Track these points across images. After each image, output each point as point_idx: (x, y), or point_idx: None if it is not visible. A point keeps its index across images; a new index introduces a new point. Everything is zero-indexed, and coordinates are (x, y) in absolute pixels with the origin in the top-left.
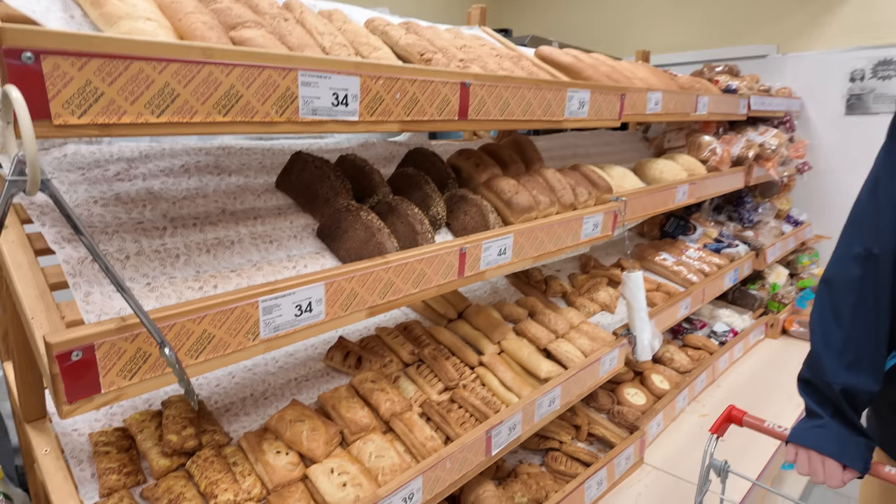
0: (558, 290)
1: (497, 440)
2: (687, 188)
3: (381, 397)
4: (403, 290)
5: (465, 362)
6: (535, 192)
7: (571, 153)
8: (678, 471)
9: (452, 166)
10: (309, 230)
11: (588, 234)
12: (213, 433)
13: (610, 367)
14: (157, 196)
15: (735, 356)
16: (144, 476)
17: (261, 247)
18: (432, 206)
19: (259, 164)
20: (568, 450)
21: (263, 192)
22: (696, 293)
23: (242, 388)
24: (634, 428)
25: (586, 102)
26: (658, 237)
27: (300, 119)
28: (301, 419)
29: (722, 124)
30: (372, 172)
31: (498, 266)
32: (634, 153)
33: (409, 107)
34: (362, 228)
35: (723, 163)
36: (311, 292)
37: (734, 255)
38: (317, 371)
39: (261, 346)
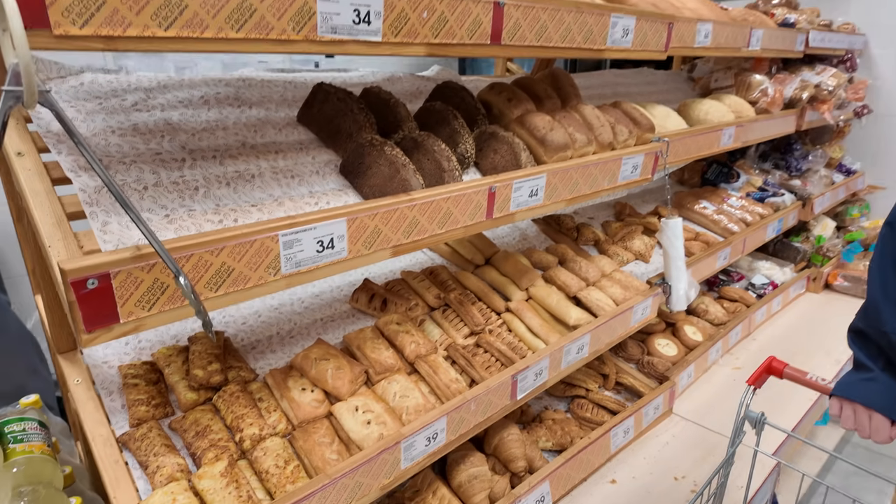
0: (590, 238)
1: (523, 385)
2: (733, 131)
3: (406, 339)
4: (429, 230)
5: (492, 308)
6: (572, 130)
7: (611, 92)
8: (707, 422)
9: (483, 101)
10: (332, 166)
11: (626, 176)
12: (239, 369)
13: (642, 316)
14: (175, 127)
15: (773, 310)
16: (172, 408)
17: (282, 182)
18: (460, 142)
19: (280, 96)
20: (594, 397)
21: (285, 126)
22: (736, 243)
23: (268, 326)
24: (664, 378)
25: (631, 30)
26: (698, 185)
27: (318, 38)
28: (326, 358)
29: (775, 62)
30: (397, 106)
31: (529, 208)
32: (678, 94)
33: (437, 27)
34: (386, 164)
35: (774, 105)
36: (332, 228)
37: (779, 204)
38: (342, 312)
39: (282, 282)
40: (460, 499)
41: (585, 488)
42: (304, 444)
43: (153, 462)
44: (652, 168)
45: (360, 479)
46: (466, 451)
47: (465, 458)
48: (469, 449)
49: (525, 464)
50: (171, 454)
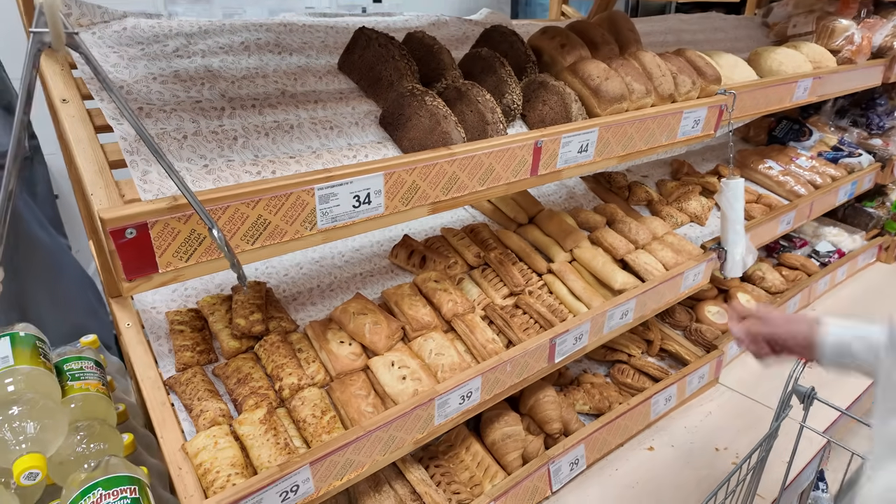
0: (643, 198)
1: (561, 349)
2: (809, 83)
3: (444, 297)
4: (469, 187)
5: (534, 269)
6: (629, 79)
7: (675, 39)
8: (755, 394)
9: (534, 48)
10: (372, 117)
11: (686, 132)
12: (280, 320)
13: (694, 282)
14: (216, 75)
15: (837, 279)
16: (216, 355)
17: (321, 133)
18: (507, 92)
19: (322, 42)
20: (637, 363)
21: (325, 74)
22: (802, 207)
23: (309, 279)
24: (712, 347)
25: None
26: (765, 143)
27: None
28: (364, 312)
29: (866, 4)
30: (441, 53)
31: (577, 165)
32: (750, 42)
33: None
34: (427, 115)
35: (860, 54)
36: (369, 182)
37: (854, 165)
38: (381, 268)
39: (319, 237)
40: (493, 456)
41: (621, 453)
42: (342, 395)
43: (197, 406)
44: (715, 123)
45: (393, 432)
46: (501, 410)
47: (500, 416)
48: (504, 408)
49: (560, 426)
50: (213, 399)
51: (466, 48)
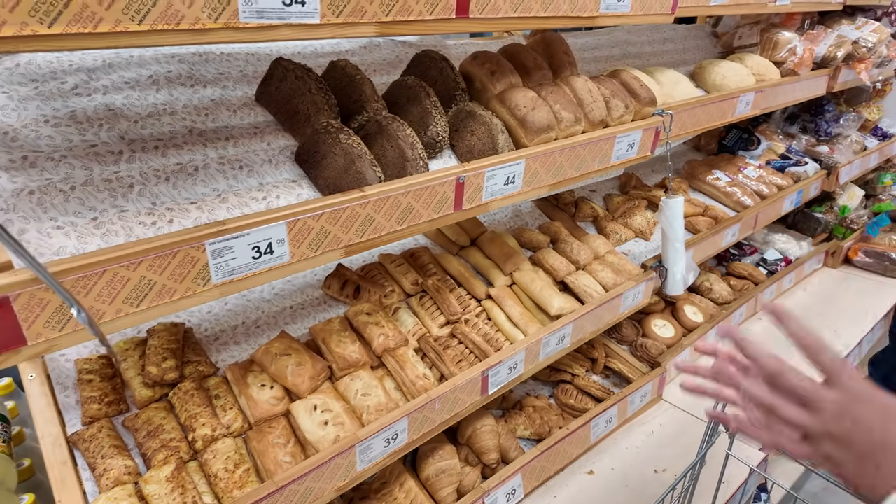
0: (589, 214)
1: (495, 380)
2: (752, 98)
3: (375, 331)
4: (386, 227)
5: (472, 294)
6: (558, 107)
7: (621, 53)
8: (697, 410)
9: (465, 74)
10: (288, 153)
11: (621, 155)
12: (198, 364)
13: (633, 302)
14: (117, 114)
15: (784, 287)
16: (127, 405)
17: (229, 173)
18: (432, 124)
19: (240, 72)
20: (580, 383)
21: (241, 107)
22: (747, 219)
23: (235, 315)
24: (657, 364)
25: None
26: (715, 151)
27: (242, 24)
28: (288, 352)
29: (810, 16)
30: (363, 83)
31: (505, 196)
32: (698, 52)
33: (389, 3)
34: (341, 154)
35: (802, 65)
36: (270, 232)
37: (800, 174)
38: (314, 299)
39: (215, 291)
40: (428, 492)
41: (561, 479)
42: (258, 444)
43: (100, 464)
44: (652, 144)
45: (311, 484)
46: (437, 442)
47: (435, 450)
48: (440, 441)
49: (497, 456)
50: (119, 455)
51: (399, 72)
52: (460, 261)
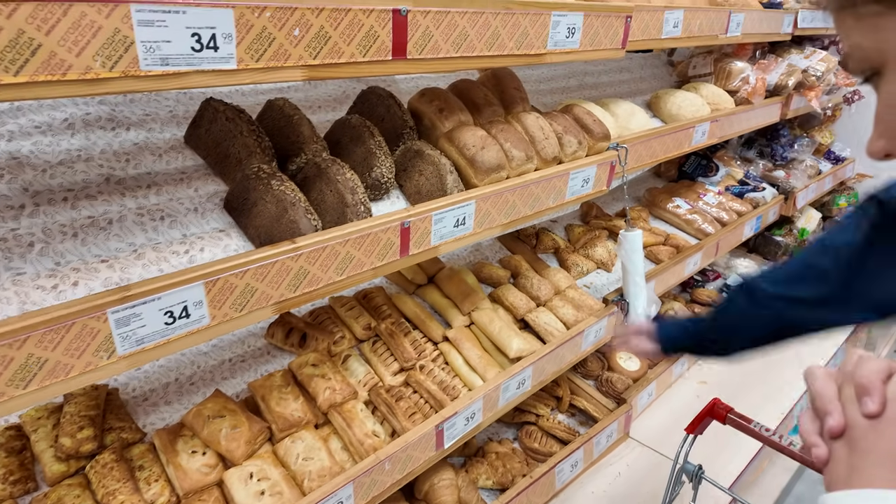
0: (550, 246)
1: (451, 432)
2: (707, 127)
3: (321, 385)
4: (324, 279)
5: (429, 337)
6: (509, 146)
7: (577, 83)
8: (666, 447)
9: (414, 111)
10: (217, 200)
11: (576, 191)
12: (122, 430)
13: (596, 338)
14: (23, 163)
15: None
16: (37, 483)
17: (148, 225)
18: (376, 165)
19: (169, 113)
20: (544, 425)
21: (167, 151)
22: (709, 247)
23: (167, 371)
24: (622, 400)
25: (578, 28)
26: (675, 177)
27: (143, 72)
28: (222, 414)
29: (761, 46)
30: (301, 124)
31: (455, 239)
32: (655, 81)
33: (316, 46)
34: (273, 202)
35: (755, 94)
36: (184, 295)
37: (758, 200)
38: (257, 349)
39: (122, 363)
40: None
41: None
42: None
43: None
44: (608, 179)
45: None
46: (393, 500)
47: None
48: (394, 500)
49: None
50: None
51: (346, 109)
52: (416, 301)
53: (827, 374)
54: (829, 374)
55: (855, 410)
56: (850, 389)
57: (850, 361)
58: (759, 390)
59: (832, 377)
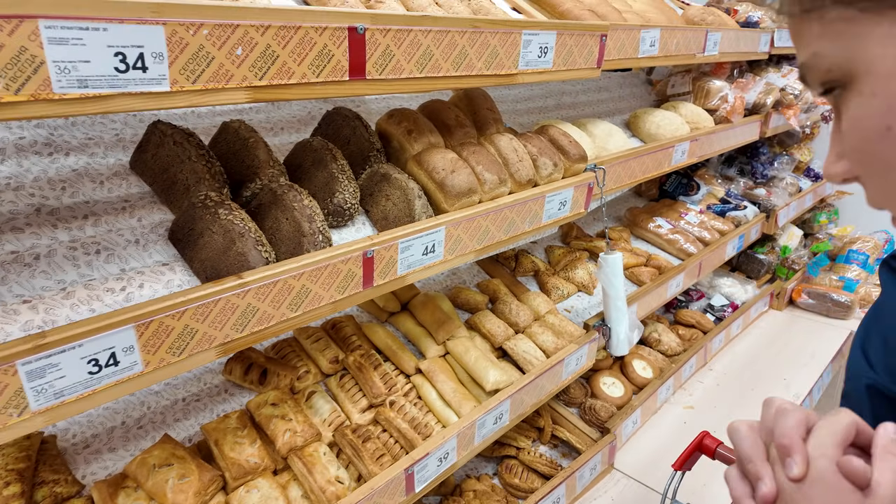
0: (529, 269)
1: (422, 475)
2: (687, 147)
3: (281, 427)
4: (276, 316)
5: (401, 369)
6: (481, 168)
7: (554, 103)
8: (652, 479)
9: (382, 133)
10: (162, 230)
11: (553, 214)
12: (56, 484)
13: (577, 366)
14: None
15: (732, 333)
16: None
17: (81, 260)
18: (339, 190)
19: (115, 136)
20: (525, 459)
21: (110, 178)
22: (691, 268)
23: (113, 414)
24: (606, 430)
25: (550, 48)
26: (656, 197)
27: (57, 95)
28: (169, 462)
29: (739, 64)
30: (257, 147)
31: (425, 267)
32: (633, 100)
33: (262, 66)
34: (220, 232)
35: (734, 113)
36: (111, 340)
37: (740, 219)
38: (213, 387)
39: (38, 420)
40: None
41: None
42: None
43: None
44: (585, 201)
45: None
46: None
47: None
48: None
49: None
50: None
51: (311, 130)
52: (388, 331)
53: (751, 429)
54: (753, 429)
55: (782, 473)
56: (775, 448)
57: (768, 415)
58: (746, 413)
59: (757, 433)
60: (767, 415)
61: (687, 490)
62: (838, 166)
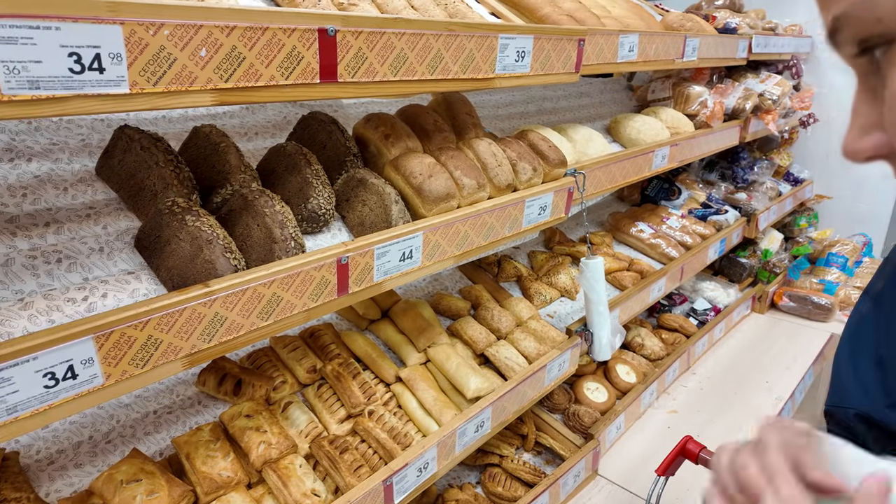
0: (512, 274)
1: (401, 486)
2: (667, 151)
3: (255, 439)
4: (245, 325)
5: (381, 378)
6: (459, 173)
7: (536, 109)
8: (636, 485)
9: (359, 138)
10: (128, 237)
11: (533, 219)
12: (17, 502)
13: (559, 372)
14: None
15: (715, 337)
16: None
17: (41, 269)
18: (313, 195)
19: (81, 141)
20: (508, 466)
21: (75, 184)
22: (673, 272)
23: (80, 428)
24: (590, 436)
25: (528, 53)
26: (638, 201)
27: (7, 97)
28: (137, 478)
29: (718, 70)
30: (228, 152)
31: (402, 274)
32: (615, 106)
33: (228, 67)
34: (187, 239)
35: (714, 118)
36: (69, 352)
37: (722, 223)
38: (187, 399)
39: None
40: None
41: None
42: None
43: None
44: (566, 206)
45: None
46: None
47: None
48: None
49: None
50: None
51: (286, 135)
52: (367, 339)
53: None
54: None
55: None
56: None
57: (720, 465)
58: (729, 417)
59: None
60: (720, 466)
61: (671, 496)
62: (866, 141)
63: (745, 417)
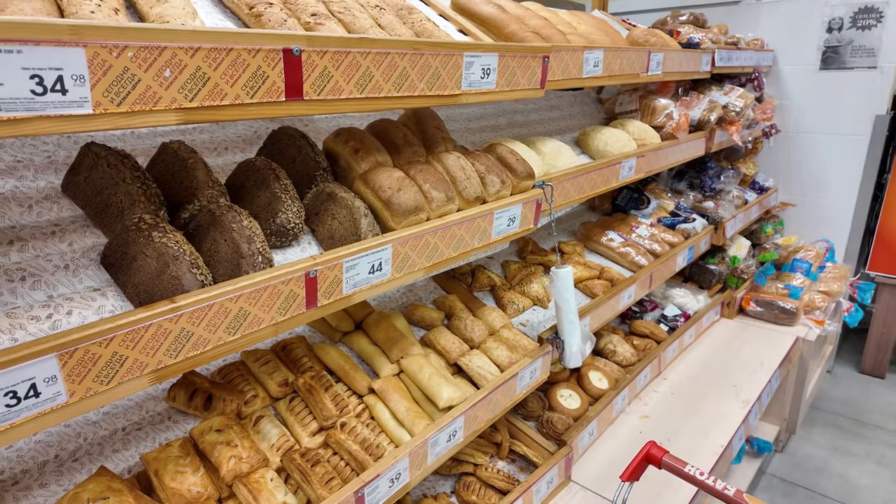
0: (486, 284)
1: (373, 497)
2: (634, 163)
3: (226, 453)
4: (212, 340)
5: (354, 390)
6: (428, 187)
7: (507, 122)
8: (609, 491)
9: (329, 152)
10: (94, 254)
11: (502, 231)
12: None
13: (531, 380)
14: None
15: (685, 342)
16: None
17: (4, 287)
18: (282, 210)
19: (47, 158)
20: (483, 475)
21: (40, 202)
22: (642, 279)
23: (45, 447)
24: (563, 442)
25: (493, 70)
26: (609, 211)
27: None
28: (105, 496)
29: (683, 83)
30: (196, 168)
31: (372, 286)
32: (584, 118)
33: (192, 87)
34: (154, 255)
35: (680, 129)
36: (31, 371)
37: (690, 231)
38: (156, 415)
39: None
40: None
41: None
42: None
43: None
44: (534, 217)
45: None
46: None
47: None
48: None
49: None
50: None
51: (256, 150)
52: (340, 351)
53: None
54: None
55: None
56: None
57: None
58: (699, 421)
59: None
60: None
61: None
62: None
63: (717, 417)
